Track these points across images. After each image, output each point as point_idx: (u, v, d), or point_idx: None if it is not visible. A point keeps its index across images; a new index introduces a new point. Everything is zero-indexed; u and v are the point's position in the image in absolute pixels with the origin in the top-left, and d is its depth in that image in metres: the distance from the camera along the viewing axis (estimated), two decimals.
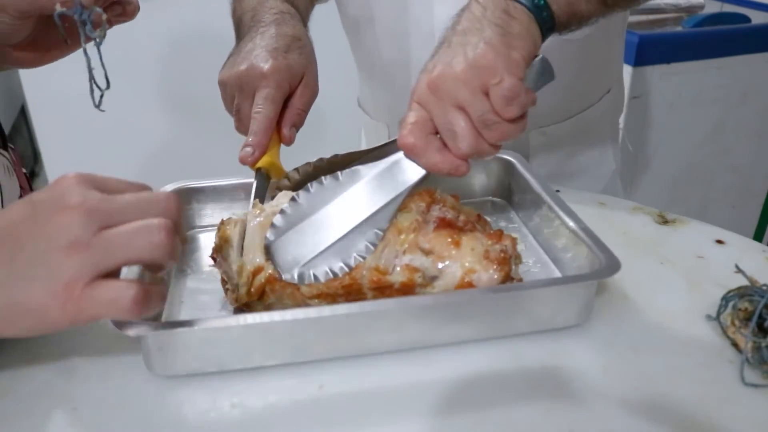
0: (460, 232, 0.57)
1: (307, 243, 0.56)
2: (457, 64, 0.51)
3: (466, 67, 0.50)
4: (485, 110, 0.50)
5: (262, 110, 0.64)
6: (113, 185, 0.44)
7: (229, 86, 0.68)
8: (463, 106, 0.51)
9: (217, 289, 0.61)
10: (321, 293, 0.56)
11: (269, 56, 0.65)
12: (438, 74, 0.51)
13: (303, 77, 0.68)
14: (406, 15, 0.81)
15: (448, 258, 0.55)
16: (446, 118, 0.51)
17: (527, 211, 0.73)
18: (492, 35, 0.51)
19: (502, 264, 0.55)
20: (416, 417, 0.49)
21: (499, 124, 0.51)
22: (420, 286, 0.56)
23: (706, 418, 0.48)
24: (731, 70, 1.59)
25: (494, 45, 0.50)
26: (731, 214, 1.82)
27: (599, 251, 0.57)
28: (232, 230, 0.58)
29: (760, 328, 0.53)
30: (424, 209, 0.59)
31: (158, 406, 0.51)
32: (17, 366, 0.56)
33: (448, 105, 0.51)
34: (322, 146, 2.11)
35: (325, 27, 0.92)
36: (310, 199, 0.57)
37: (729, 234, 0.71)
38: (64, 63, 0.67)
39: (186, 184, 0.72)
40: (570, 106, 0.89)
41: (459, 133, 0.51)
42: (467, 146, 0.51)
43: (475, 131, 0.51)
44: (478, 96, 0.50)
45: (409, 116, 0.54)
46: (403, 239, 0.56)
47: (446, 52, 0.53)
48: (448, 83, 0.51)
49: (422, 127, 0.53)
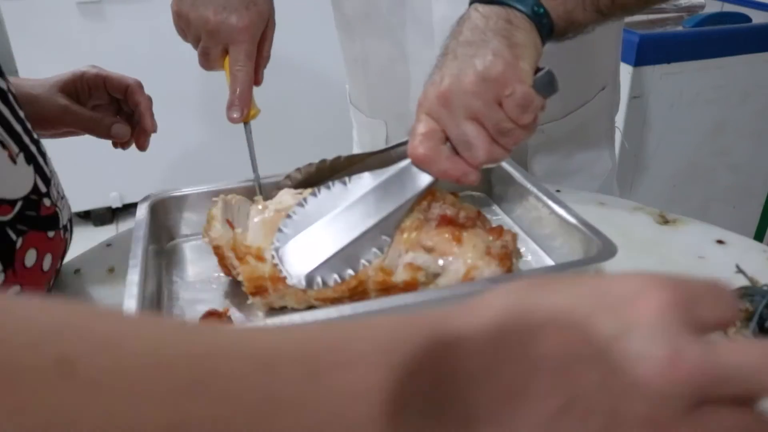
0: (462, 228, 0.58)
1: (315, 248, 0.56)
2: (466, 76, 0.51)
3: (477, 79, 0.50)
4: (500, 119, 0.51)
5: (244, 68, 0.65)
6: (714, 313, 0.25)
7: (192, 25, 0.66)
8: (477, 117, 0.51)
9: (212, 298, 0.61)
10: (327, 297, 0.56)
11: (242, 6, 0.64)
12: (448, 87, 0.52)
13: (268, 21, 0.68)
14: (404, 11, 0.81)
15: (450, 255, 0.56)
16: (460, 129, 0.52)
17: (509, 202, 0.75)
18: (499, 46, 0.51)
19: (504, 259, 0.56)
20: None
21: (514, 130, 0.51)
22: (423, 284, 0.56)
23: None
24: (731, 70, 1.59)
25: (503, 56, 0.51)
26: (731, 214, 1.82)
27: (593, 235, 0.59)
28: (214, 208, 0.62)
29: (760, 329, 0.53)
30: (425, 207, 0.60)
31: None
32: None
33: (461, 117, 0.52)
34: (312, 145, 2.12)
35: (316, 26, 0.92)
36: (317, 204, 0.58)
37: (729, 234, 0.70)
38: (63, 64, 0.67)
39: (171, 192, 0.71)
40: (566, 102, 0.89)
41: (474, 143, 0.52)
42: (483, 155, 0.52)
43: (489, 140, 0.52)
44: (491, 106, 0.50)
45: (418, 127, 0.54)
46: (406, 238, 0.57)
47: (453, 63, 0.53)
48: (460, 96, 0.51)
49: (432, 138, 0.53)
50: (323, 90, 2.35)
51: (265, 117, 0.73)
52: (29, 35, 2.06)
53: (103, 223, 2.49)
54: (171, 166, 2.28)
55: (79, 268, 0.70)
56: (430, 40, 0.81)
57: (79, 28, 2.11)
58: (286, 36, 2.87)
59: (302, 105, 2.39)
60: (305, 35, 2.27)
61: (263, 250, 0.57)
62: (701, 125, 1.65)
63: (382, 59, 0.88)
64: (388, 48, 0.86)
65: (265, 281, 0.56)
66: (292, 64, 2.41)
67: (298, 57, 2.38)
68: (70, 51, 2.10)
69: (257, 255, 0.57)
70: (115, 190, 2.41)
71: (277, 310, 0.60)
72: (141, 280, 0.55)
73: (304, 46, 2.32)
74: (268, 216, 0.60)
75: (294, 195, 0.63)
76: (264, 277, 0.56)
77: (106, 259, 0.71)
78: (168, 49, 2.26)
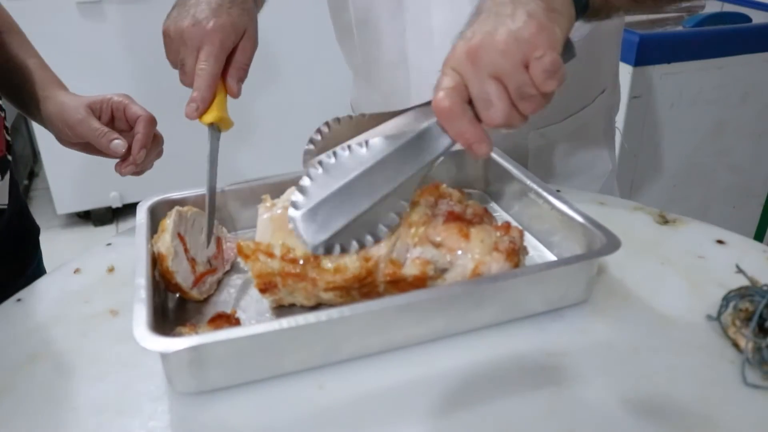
0: (469, 224, 0.58)
1: (334, 214, 0.55)
2: (499, 34, 0.50)
3: (509, 38, 0.50)
4: (524, 83, 0.50)
5: (206, 67, 0.66)
6: None
7: (173, 40, 0.68)
8: (502, 76, 0.50)
9: (218, 298, 0.60)
10: (336, 286, 0.56)
11: (213, 13, 0.67)
12: (478, 43, 0.51)
13: (245, 32, 0.69)
14: (403, 17, 0.81)
15: (458, 250, 0.56)
16: (483, 87, 0.51)
17: (506, 199, 0.75)
18: (536, 9, 0.51)
19: (511, 255, 0.56)
20: (416, 416, 0.49)
21: (534, 97, 0.50)
22: (431, 279, 0.56)
23: (706, 418, 0.48)
24: (731, 70, 1.59)
25: (539, 19, 0.50)
26: (731, 214, 1.82)
27: (596, 229, 0.59)
28: (168, 219, 0.62)
29: (760, 329, 0.53)
30: (433, 203, 0.60)
31: (157, 405, 0.51)
32: (17, 366, 0.56)
33: (486, 74, 0.50)
34: None
35: (317, 30, 0.92)
36: (335, 169, 0.56)
37: (729, 234, 0.71)
38: (63, 63, 0.68)
39: (170, 195, 0.70)
40: (566, 106, 0.89)
41: (494, 102, 0.51)
42: (501, 116, 0.51)
43: (509, 102, 0.51)
44: (518, 68, 0.50)
45: (443, 81, 0.52)
46: (414, 232, 0.57)
47: (486, 21, 0.52)
48: (489, 53, 0.50)
49: (458, 93, 0.52)
50: (326, 95, 2.36)
51: (270, 123, 0.73)
52: (29, 35, 2.06)
53: (103, 223, 2.49)
54: (171, 166, 2.28)
55: (79, 268, 0.70)
56: (429, 46, 0.81)
57: (79, 28, 2.11)
58: (290, 43, 2.88)
59: (305, 110, 2.39)
60: (308, 42, 2.27)
61: (272, 246, 0.57)
62: (701, 125, 1.65)
63: (382, 65, 0.88)
64: (388, 54, 0.86)
65: (274, 277, 0.57)
66: (295, 71, 2.41)
67: (302, 63, 2.38)
68: (70, 51, 2.10)
69: (267, 251, 0.57)
70: (115, 190, 2.41)
71: (286, 308, 0.60)
72: (149, 284, 0.55)
73: (308, 52, 2.32)
74: (276, 214, 0.60)
75: None
76: (273, 273, 0.56)
77: (106, 259, 0.71)
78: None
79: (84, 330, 0.61)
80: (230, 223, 0.73)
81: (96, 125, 0.72)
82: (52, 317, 0.63)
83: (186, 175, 2.39)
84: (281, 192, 0.64)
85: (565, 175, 0.92)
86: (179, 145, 2.30)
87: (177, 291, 0.60)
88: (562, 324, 0.58)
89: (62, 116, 0.74)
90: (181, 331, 0.55)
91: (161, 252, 0.59)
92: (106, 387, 0.53)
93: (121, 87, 0.80)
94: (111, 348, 0.58)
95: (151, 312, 0.51)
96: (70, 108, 0.74)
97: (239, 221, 0.73)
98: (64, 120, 0.74)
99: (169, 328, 0.56)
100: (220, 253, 0.67)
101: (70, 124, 0.73)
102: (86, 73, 2.19)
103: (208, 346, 0.49)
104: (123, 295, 0.62)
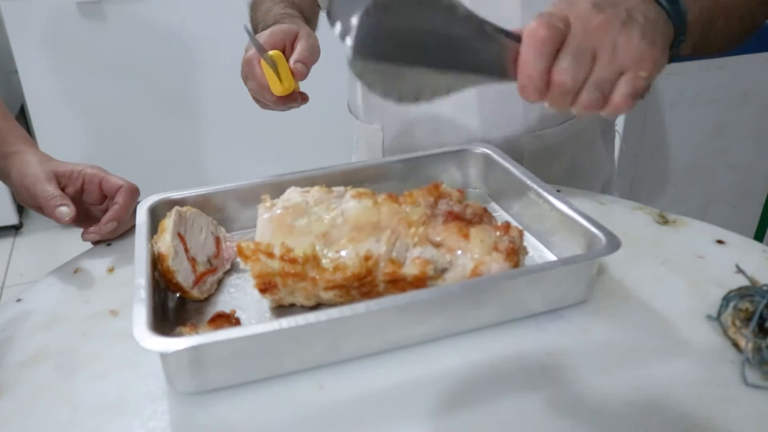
0: (469, 224, 0.58)
1: None
2: (629, 28, 0.48)
3: (635, 38, 0.48)
4: (609, 76, 0.48)
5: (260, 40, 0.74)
6: None
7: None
8: (597, 57, 0.48)
9: (218, 298, 0.60)
10: (335, 285, 0.56)
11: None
12: (607, 19, 0.48)
13: (297, 35, 0.76)
14: None
15: (458, 250, 0.56)
16: (579, 50, 0.48)
17: (506, 199, 0.75)
18: (663, 36, 0.50)
19: (511, 255, 0.56)
20: (416, 416, 0.49)
21: (600, 99, 0.48)
22: (431, 279, 0.56)
23: (706, 418, 0.48)
24: (731, 70, 1.59)
25: (662, 47, 0.49)
26: (731, 214, 1.82)
27: (596, 229, 0.59)
28: (167, 220, 0.62)
29: (760, 329, 0.53)
30: (433, 203, 0.60)
31: (157, 405, 0.51)
32: (17, 366, 0.56)
33: (587, 41, 0.48)
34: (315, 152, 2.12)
35: (319, 34, 0.92)
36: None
37: (729, 234, 0.71)
38: (63, 63, 0.68)
39: (168, 196, 0.70)
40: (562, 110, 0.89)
41: (570, 68, 0.48)
42: (569, 83, 0.48)
43: (580, 82, 0.48)
44: (617, 66, 0.48)
45: (552, 18, 0.48)
46: (414, 232, 0.57)
47: (620, 7, 0.49)
48: (610, 34, 0.48)
49: (557, 33, 0.48)
50: (326, 96, 2.36)
51: (268, 123, 0.73)
52: (29, 35, 2.06)
53: None
54: (171, 166, 2.28)
55: (79, 267, 0.70)
56: None
57: (79, 28, 2.11)
58: None
59: (305, 111, 2.39)
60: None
61: (272, 246, 0.57)
62: (701, 125, 1.65)
63: None
64: None
65: (274, 277, 0.57)
66: None
67: None
68: (70, 51, 2.10)
69: (267, 251, 0.57)
70: None
71: (286, 308, 0.60)
72: (149, 284, 0.55)
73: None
74: (276, 213, 0.60)
75: (301, 192, 0.63)
76: (273, 273, 0.56)
77: (106, 259, 0.71)
78: (167, 50, 2.26)
79: (84, 330, 0.61)
80: (230, 223, 0.73)
81: (49, 189, 0.70)
82: (52, 317, 0.63)
83: (186, 175, 2.40)
84: (281, 192, 0.65)
85: (563, 179, 0.92)
86: (179, 145, 2.31)
87: (178, 290, 0.60)
88: (562, 324, 0.58)
89: (21, 174, 0.72)
90: (181, 331, 0.55)
91: (162, 252, 0.59)
92: (106, 387, 0.53)
93: (121, 87, 0.80)
94: (111, 348, 0.58)
95: (151, 312, 0.51)
96: (32, 168, 0.72)
97: (239, 221, 0.73)
98: (21, 178, 0.72)
99: (169, 328, 0.56)
100: (220, 252, 0.67)
101: (25, 183, 0.71)
102: (86, 73, 2.19)
103: (208, 346, 0.49)
104: (123, 295, 0.62)
